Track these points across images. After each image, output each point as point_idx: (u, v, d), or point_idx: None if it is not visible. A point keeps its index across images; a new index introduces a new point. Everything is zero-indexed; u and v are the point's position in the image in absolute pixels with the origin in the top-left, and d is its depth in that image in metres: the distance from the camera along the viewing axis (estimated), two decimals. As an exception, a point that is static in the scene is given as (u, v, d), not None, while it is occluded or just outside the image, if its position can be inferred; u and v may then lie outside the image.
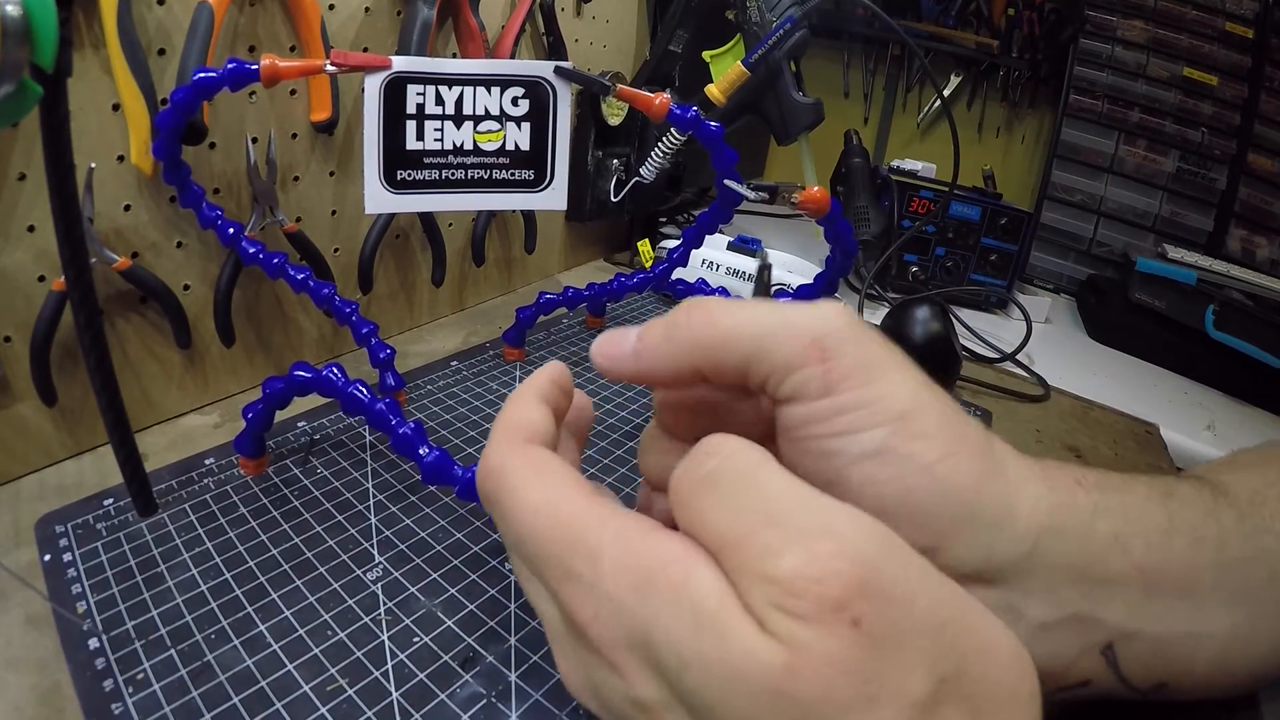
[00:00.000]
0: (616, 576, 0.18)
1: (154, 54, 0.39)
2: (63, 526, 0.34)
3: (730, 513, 0.17)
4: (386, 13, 0.51)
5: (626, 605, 0.17)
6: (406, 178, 0.43)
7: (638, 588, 0.17)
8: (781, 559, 0.16)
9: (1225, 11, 0.87)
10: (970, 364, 0.65)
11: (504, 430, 0.22)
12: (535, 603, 0.22)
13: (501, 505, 0.21)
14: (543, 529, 0.19)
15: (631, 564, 0.18)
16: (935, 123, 1.07)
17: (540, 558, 0.20)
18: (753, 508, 0.17)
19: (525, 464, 0.21)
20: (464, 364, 0.54)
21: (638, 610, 0.17)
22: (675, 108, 0.46)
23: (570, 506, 0.19)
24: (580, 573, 0.18)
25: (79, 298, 0.30)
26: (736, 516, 0.17)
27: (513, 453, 0.21)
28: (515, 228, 0.68)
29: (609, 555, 0.18)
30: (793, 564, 0.16)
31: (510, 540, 0.21)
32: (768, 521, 0.16)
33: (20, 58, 0.23)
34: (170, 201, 0.42)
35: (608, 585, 0.18)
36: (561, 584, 0.19)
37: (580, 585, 0.18)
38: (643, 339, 0.22)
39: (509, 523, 0.20)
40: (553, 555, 0.19)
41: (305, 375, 0.36)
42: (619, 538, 0.18)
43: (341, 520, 0.36)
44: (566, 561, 0.19)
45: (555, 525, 0.19)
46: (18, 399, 0.39)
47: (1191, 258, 0.83)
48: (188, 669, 0.28)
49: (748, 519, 0.17)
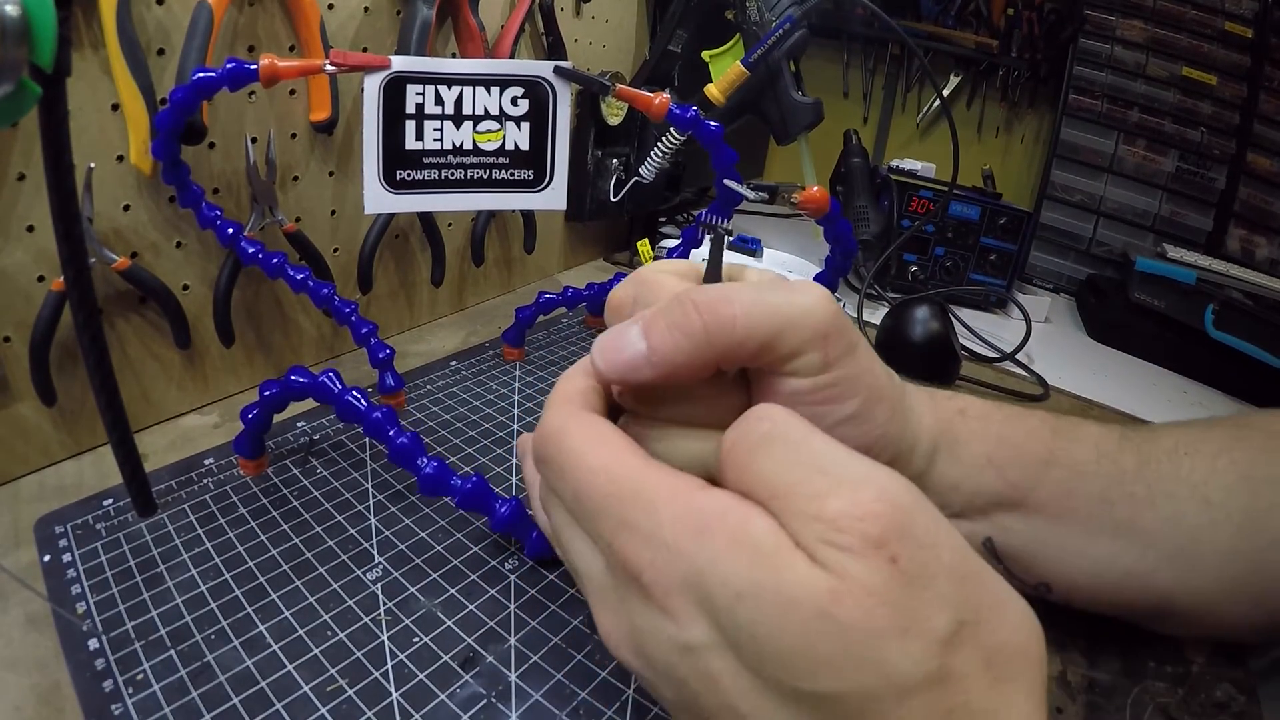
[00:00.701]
0: (675, 525, 0.19)
1: (153, 54, 0.39)
2: (62, 527, 0.34)
3: (785, 466, 0.19)
4: (386, 12, 0.51)
5: (684, 550, 0.19)
6: (406, 178, 0.43)
7: (696, 534, 0.19)
8: (830, 501, 0.18)
9: (1224, 11, 0.87)
10: (970, 363, 0.65)
11: (562, 398, 0.24)
12: (578, 562, 0.23)
13: (560, 464, 0.22)
14: (601, 485, 0.21)
15: (689, 514, 0.19)
16: (935, 122, 1.07)
17: (598, 511, 0.21)
18: (804, 462, 0.19)
19: (585, 428, 0.22)
20: (463, 364, 0.54)
21: (695, 554, 0.19)
22: (675, 107, 0.46)
23: (629, 467, 0.21)
24: (638, 522, 0.20)
25: (78, 298, 0.30)
26: (790, 469, 0.19)
27: (573, 418, 0.23)
28: (515, 227, 0.68)
29: (667, 507, 0.20)
30: (840, 505, 0.18)
31: (567, 497, 0.22)
32: (818, 472, 0.19)
33: (19, 57, 0.23)
34: (169, 201, 0.42)
35: (666, 533, 0.19)
36: (617, 534, 0.20)
37: (637, 534, 0.20)
38: (653, 341, 0.22)
39: (568, 480, 0.22)
40: (611, 509, 0.21)
41: (301, 380, 0.36)
42: (676, 492, 0.20)
43: (341, 521, 0.36)
44: (625, 513, 0.20)
45: (614, 481, 0.21)
46: (17, 399, 0.39)
47: (1191, 257, 0.83)
48: (187, 669, 0.28)
49: (800, 470, 0.19)
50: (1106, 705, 0.31)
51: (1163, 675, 0.33)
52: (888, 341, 0.62)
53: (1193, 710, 0.32)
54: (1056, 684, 0.32)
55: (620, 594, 0.21)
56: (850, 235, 0.50)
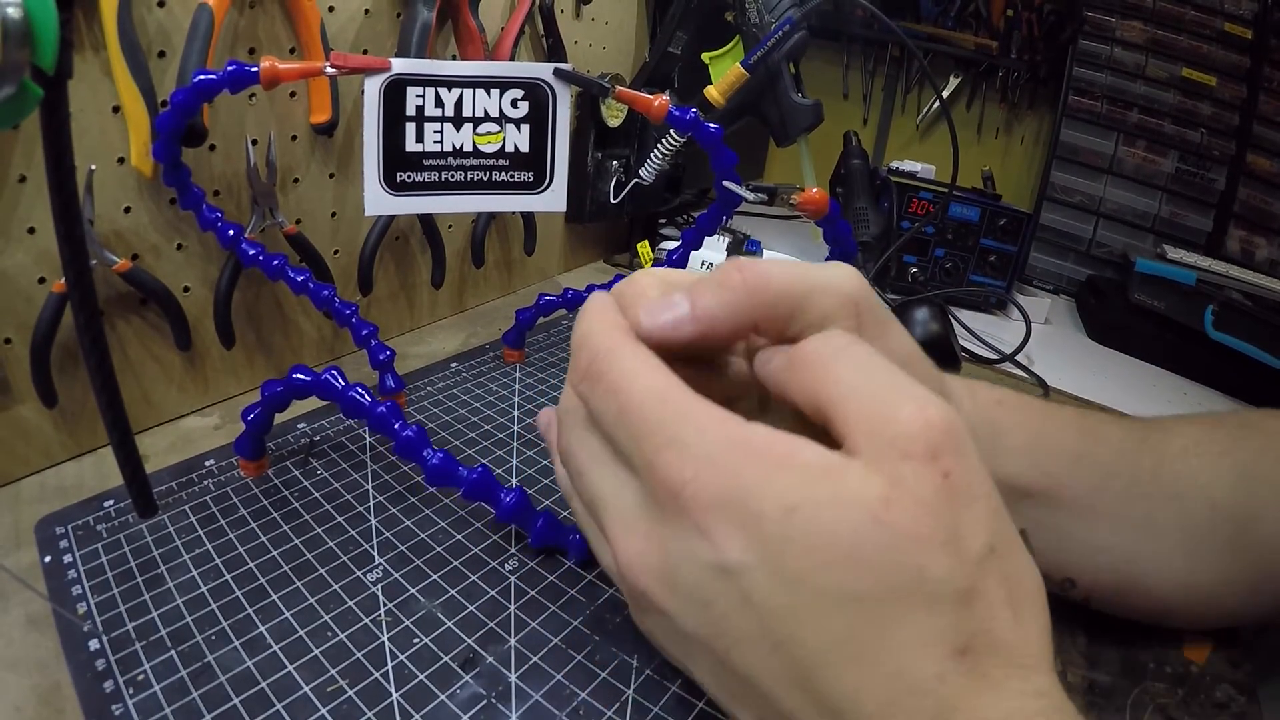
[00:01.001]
0: (724, 445, 0.20)
1: (154, 56, 0.40)
2: (63, 528, 0.34)
3: (862, 373, 0.21)
4: (386, 15, 0.51)
5: (732, 468, 0.19)
6: (406, 179, 0.43)
7: (746, 454, 0.20)
8: (902, 408, 0.19)
9: (1224, 12, 0.87)
10: (970, 365, 0.65)
11: (609, 324, 0.24)
12: (605, 490, 0.23)
13: (611, 380, 0.22)
14: (653, 404, 0.21)
15: (739, 437, 0.20)
16: (934, 124, 1.07)
17: (644, 429, 0.21)
18: (879, 372, 0.21)
19: (639, 352, 0.23)
20: (464, 365, 0.54)
21: (743, 472, 0.19)
22: (674, 109, 0.46)
23: (681, 391, 0.21)
24: (687, 440, 0.20)
25: (79, 299, 0.30)
26: (867, 376, 0.21)
27: (626, 343, 0.23)
28: (515, 229, 0.68)
29: (717, 429, 0.20)
30: (910, 411, 0.19)
31: (609, 416, 0.22)
32: (890, 383, 0.20)
33: (21, 59, 0.23)
34: (170, 203, 0.42)
35: (712, 449, 0.20)
36: (660, 452, 0.21)
37: (683, 450, 0.20)
38: (698, 301, 0.23)
39: (618, 397, 0.22)
40: (659, 428, 0.21)
41: (304, 379, 0.36)
42: (725, 419, 0.21)
43: (341, 522, 0.36)
44: (672, 430, 0.21)
45: (665, 402, 0.21)
46: (18, 400, 0.39)
47: (1191, 258, 0.83)
48: (188, 670, 0.28)
49: (876, 378, 0.20)
50: (1106, 705, 0.31)
51: (1163, 675, 0.33)
52: (888, 342, 0.62)
53: (1193, 710, 0.32)
54: (1056, 684, 0.32)
55: (654, 516, 0.21)
56: (850, 237, 0.50)
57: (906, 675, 0.18)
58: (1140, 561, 0.32)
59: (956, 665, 0.18)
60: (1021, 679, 0.19)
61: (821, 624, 0.19)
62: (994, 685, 0.18)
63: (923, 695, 0.18)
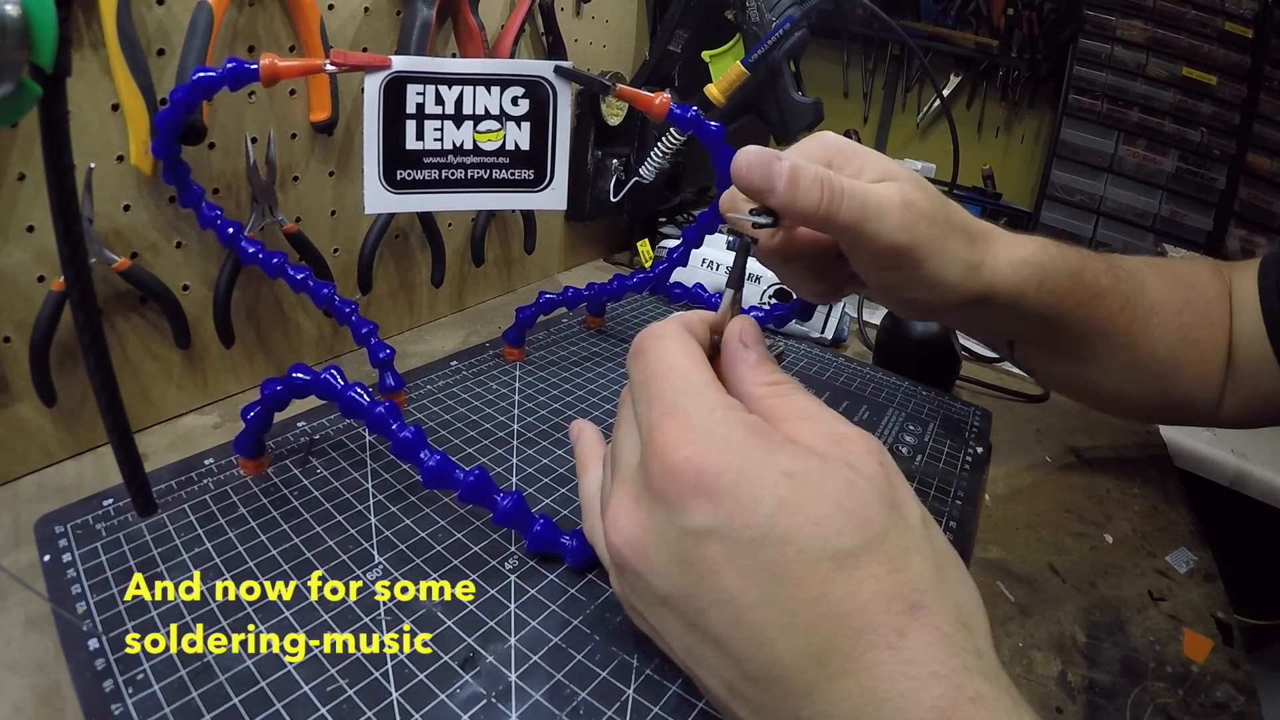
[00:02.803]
0: (725, 423, 0.23)
1: (153, 54, 0.39)
2: (62, 527, 0.34)
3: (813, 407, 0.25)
4: (386, 12, 0.51)
5: (727, 440, 0.22)
6: (406, 177, 0.43)
7: (746, 433, 0.23)
8: (841, 425, 0.24)
9: (1224, 11, 0.87)
10: (970, 364, 0.65)
11: (677, 319, 0.28)
12: (622, 449, 0.26)
13: (648, 355, 0.26)
14: (674, 378, 0.25)
15: (740, 420, 0.23)
16: (935, 122, 1.07)
17: (659, 394, 0.24)
18: (824, 410, 0.25)
19: (683, 340, 0.26)
20: (464, 364, 0.54)
21: (741, 445, 0.22)
22: (675, 108, 0.46)
23: (702, 375, 0.25)
24: (690, 411, 0.23)
25: (78, 298, 0.30)
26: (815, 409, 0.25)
27: (678, 334, 0.26)
28: (515, 228, 0.68)
29: (722, 411, 0.23)
30: (847, 428, 0.24)
31: (638, 381, 0.26)
32: (832, 415, 0.25)
33: (19, 57, 0.23)
34: (170, 201, 0.42)
35: (714, 426, 0.23)
36: (665, 417, 0.24)
37: (685, 419, 0.23)
38: (795, 173, 0.28)
39: (649, 367, 0.25)
40: (667, 396, 0.24)
41: (304, 378, 0.36)
42: (731, 405, 0.24)
43: (341, 521, 0.36)
44: (681, 402, 0.24)
45: (685, 379, 0.25)
46: (17, 399, 0.39)
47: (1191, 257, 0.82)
48: (188, 670, 0.28)
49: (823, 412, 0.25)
50: (1106, 705, 0.31)
51: (1163, 675, 0.33)
52: (887, 342, 0.62)
53: (1193, 710, 0.32)
54: (1056, 684, 0.32)
55: (645, 481, 0.24)
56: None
57: (871, 632, 0.20)
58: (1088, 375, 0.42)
59: (911, 620, 0.20)
60: (964, 636, 0.21)
61: (801, 582, 0.21)
62: (944, 640, 0.20)
63: (885, 649, 0.20)
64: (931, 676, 0.20)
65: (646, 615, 0.25)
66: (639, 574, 0.24)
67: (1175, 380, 0.42)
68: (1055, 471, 0.51)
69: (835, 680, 0.20)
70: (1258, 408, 0.43)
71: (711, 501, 0.22)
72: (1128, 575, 0.40)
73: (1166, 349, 0.42)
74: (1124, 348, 0.41)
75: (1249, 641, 0.36)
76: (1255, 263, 0.43)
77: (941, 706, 0.19)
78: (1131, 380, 0.42)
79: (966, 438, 0.51)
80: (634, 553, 0.24)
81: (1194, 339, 0.42)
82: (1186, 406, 0.44)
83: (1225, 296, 0.43)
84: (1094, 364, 0.42)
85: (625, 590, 0.26)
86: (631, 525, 0.24)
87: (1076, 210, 0.93)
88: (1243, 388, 0.42)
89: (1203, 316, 0.42)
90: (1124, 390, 0.43)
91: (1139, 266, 0.43)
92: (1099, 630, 0.35)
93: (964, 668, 0.20)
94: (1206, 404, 0.43)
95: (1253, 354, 0.42)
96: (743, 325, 0.27)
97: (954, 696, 0.19)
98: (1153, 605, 0.38)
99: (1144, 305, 0.41)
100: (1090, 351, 0.42)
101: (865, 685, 0.20)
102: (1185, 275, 0.44)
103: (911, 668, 0.20)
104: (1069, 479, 0.49)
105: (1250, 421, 0.44)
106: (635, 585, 0.25)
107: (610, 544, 0.25)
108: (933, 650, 0.20)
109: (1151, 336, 0.41)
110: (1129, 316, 0.41)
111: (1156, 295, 0.42)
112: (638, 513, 0.24)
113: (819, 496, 0.21)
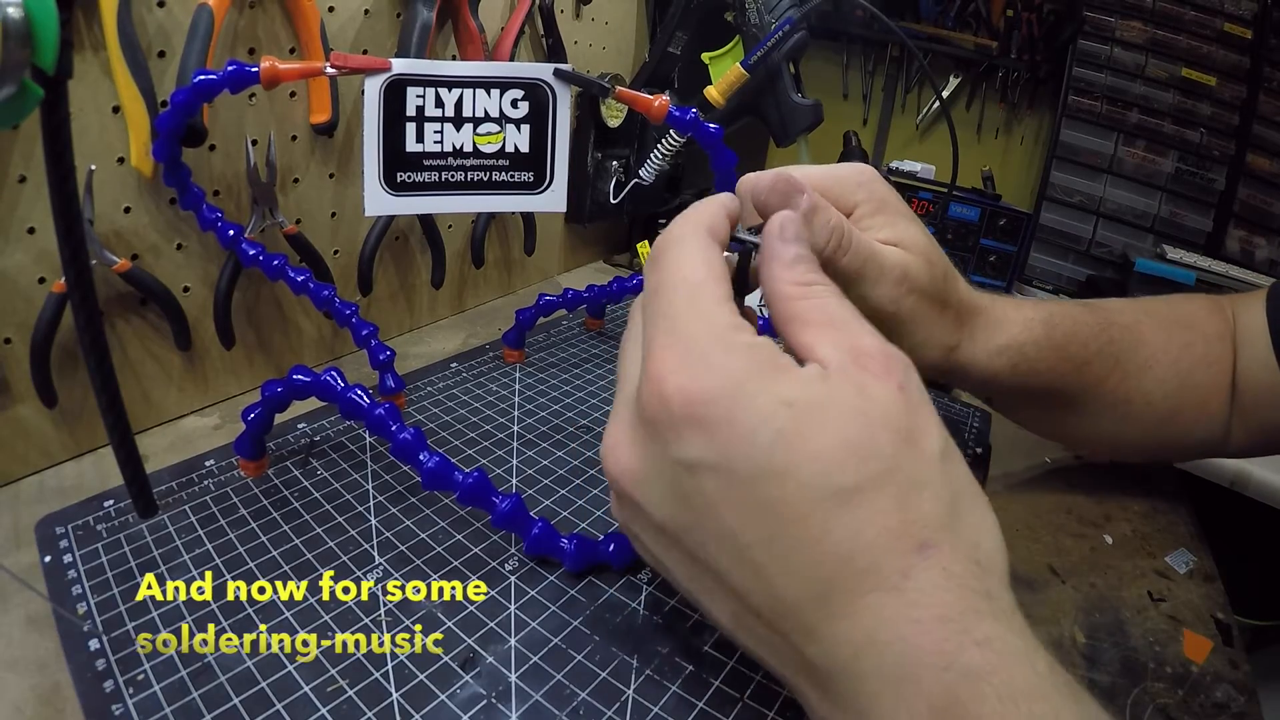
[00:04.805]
0: (725, 346, 0.22)
1: (154, 56, 0.40)
2: (63, 528, 0.34)
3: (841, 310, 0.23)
4: (386, 15, 0.51)
5: (727, 366, 0.21)
6: (406, 180, 0.43)
7: (748, 358, 0.21)
8: (863, 337, 0.22)
9: (1224, 12, 0.87)
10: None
11: (696, 215, 0.26)
12: (626, 365, 0.26)
13: (662, 262, 0.25)
14: (683, 290, 0.23)
15: (742, 344, 0.22)
16: (934, 124, 1.07)
17: (664, 308, 0.23)
18: (849, 313, 0.23)
19: (700, 248, 0.25)
20: (464, 366, 0.54)
21: (741, 371, 0.21)
22: (674, 109, 0.46)
23: (712, 291, 0.23)
24: (691, 332, 0.22)
25: (79, 299, 0.30)
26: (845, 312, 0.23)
27: (696, 237, 0.25)
28: (515, 229, 0.68)
29: (726, 335, 0.22)
30: (869, 340, 0.22)
31: (649, 286, 0.25)
32: (857, 321, 0.23)
33: (21, 59, 0.23)
34: (170, 203, 0.42)
35: (713, 349, 0.22)
36: (664, 336, 0.23)
37: (684, 341, 0.22)
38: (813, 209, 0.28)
39: (660, 273, 0.24)
40: (672, 312, 0.23)
41: (304, 379, 0.36)
42: (738, 326, 0.23)
43: (341, 522, 0.36)
44: (684, 319, 0.23)
45: (695, 294, 0.23)
46: (18, 400, 0.39)
47: (1190, 258, 0.83)
48: (188, 670, 0.28)
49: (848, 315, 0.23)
50: (1106, 706, 0.31)
51: (1163, 675, 0.33)
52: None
53: (1193, 710, 0.32)
54: (1056, 684, 0.32)
55: (638, 407, 0.23)
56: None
57: (874, 573, 0.19)
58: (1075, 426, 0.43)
59: (918, 560, 0.19)
60: (976, 577, 0.20)
61: (802, 521, 0.20)
62: (952, 581, 0.19)
63: (888, 591, 0.19)
64: (936, 620, 0.19)
65: (648, 544, 0.25)
66: (637, 503, 0.23)
67: (1173, 425, 0.42)
68: (1054, 472, 0.51)
69: (837, 622, 0.20)
70: (1269, 437, 0.42)
71: (705, 433, 0.21)
72: (1127, 576, 0.40)
73: (1162, 398, 0.41)
74: (1114, 404, 0.41)
75: (1249, 642, 0.36)
76: (1261, 294, 0.43)
77: (946, 650, 0.18)
78: (1125, 429, 0.42)
79: (965, 439, 0.51)
80: (631, 483, 0.23)
81: (1193, 383, 0.41)
82: (1189, 447, 0.44)
83: (1226, 333, 0.42)
84: (1084, 419, 0.42)
85: (626, 518, 0.25)
86: (627, 454, 0.23)
87: (1076, 211, 0.93)
88: (1252, 419, 0.42)
89: (1201, 359, 0.41)
90: (1119, 439, 0.43)
91: (1136, 318, 0.42)
92: (1099, 631, 0.35)
93: (973, 610, 0.19)
94: (1211, 441, 0.43)
95: (1261, 384, 0.41)
96: (783, 220, 0.25)
97: (959, 640, 0.19)
98: (1152, 606, 0.38)
99: (1137, 362, 0.41)
100: (1078, 408, 0.41)
101: (866, 628, 0.19)
102: (1183, 317, 0.43)
103: (915, 610, 0.19)
104: (1068, 480, 0.49)
105: (1262, 450, 0.43)
106: (635, 514, 0.24)
107: (608, 471, 0.24)
108: (939, 593, 0.19)
109: (1145, 389, 0.41)
110: (1119, 376, 0.40)
111: (1152, 347, 0.41)
112: (634, 441, 0.23)
113: (820, 428, 0.20)
